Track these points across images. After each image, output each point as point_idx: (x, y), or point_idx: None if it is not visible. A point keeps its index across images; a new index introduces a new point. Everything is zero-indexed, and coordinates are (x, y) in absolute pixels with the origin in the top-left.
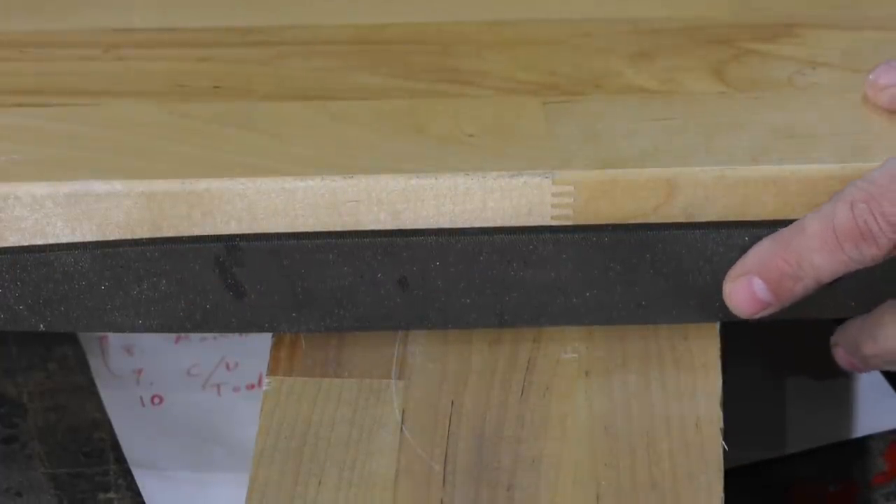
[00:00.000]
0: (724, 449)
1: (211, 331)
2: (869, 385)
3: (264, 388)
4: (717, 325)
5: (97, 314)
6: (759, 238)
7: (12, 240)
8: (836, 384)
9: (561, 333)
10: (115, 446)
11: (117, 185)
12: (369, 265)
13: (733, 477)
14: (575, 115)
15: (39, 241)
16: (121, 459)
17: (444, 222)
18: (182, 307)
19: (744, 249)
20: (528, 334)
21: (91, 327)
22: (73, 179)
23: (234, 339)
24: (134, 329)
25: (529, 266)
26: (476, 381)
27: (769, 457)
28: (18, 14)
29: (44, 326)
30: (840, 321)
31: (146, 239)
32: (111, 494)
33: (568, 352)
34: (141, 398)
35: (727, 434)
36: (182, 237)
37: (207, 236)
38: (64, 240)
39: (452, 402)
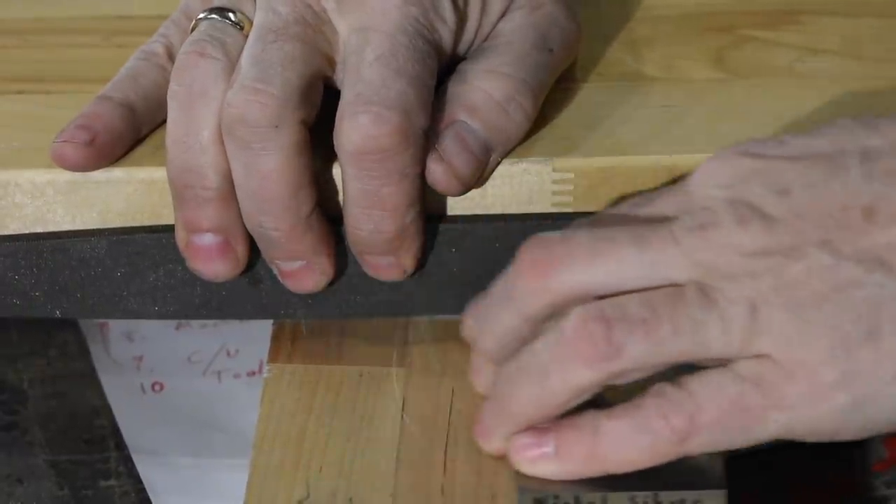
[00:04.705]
0: None
1: (226, 317)
2: None
3: (265, 375)
4: None
5: (113, 301)
6: None
7: (13, 227)
8: None
9: None
10: (116, 433)
11: (118, 172)
12: None
13: (734, 463)
14: (575, 101)
15: (39, 229)
16: (121, 446)
17: (444, 210)
18: (198, 294)
19: None
20: None
21: (107, 314)
22: None
23: (234, 326)
24: (150, 316)
25: None
26: (471, 368)
27: (770, 444)
28: (19, 1)
29: (59, 313)
30: None
31: (162, 226)
32: (112, 481)
33: None
34: (142, 385)
35: None
36: None
37: None
38: (65, 227)
39: (453, 390)
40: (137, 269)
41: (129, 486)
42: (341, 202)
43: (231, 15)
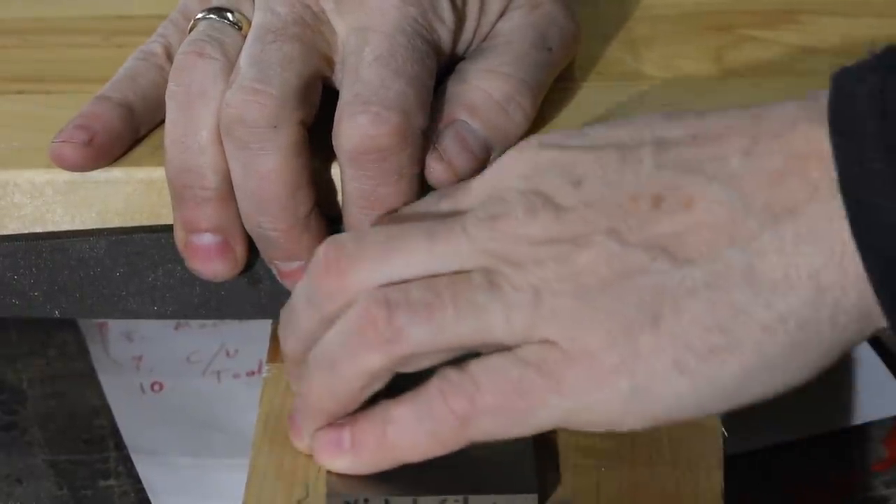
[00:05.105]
0: (724, 436)
1: (225, 317)
2: (869, 372)
3: (264, 374)
4: None
5: (112, 301)
6: None
7: (12, 227)
8: (836, 371)
9: None
10: (115, 433)
11: (116, 172)
12: None
13: (733, 465)
14: (575, 101)
15: (38, 229)
16: (121, 446)
17: None
18: (197, 293)
19: None
20: None
21: (106, 314)
22: None
23: (233, 325)
24: (149, 315)
25: None
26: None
27: (769, 444)
28: (19, 1)
29: (59, 313)
30: None
31: (161, 226)
32: (111, 481)
33: None
34: (141, 385)
35: (727, 421)
36: None
37: None
38: (64, 227)
39: None
40: (136, 268)
41: (128, 486)
42: (340, 202)
43: (229, 15)
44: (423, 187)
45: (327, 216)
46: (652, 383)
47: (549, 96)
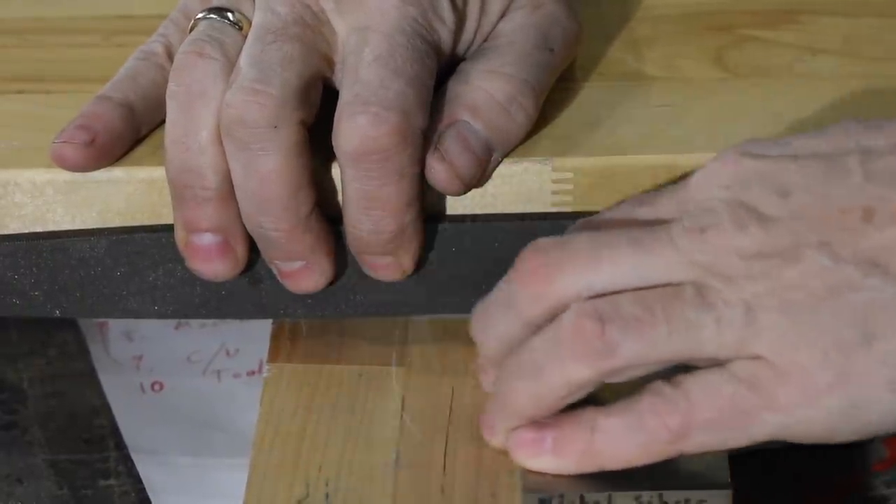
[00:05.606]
0: None
1: (226, 317)
2: None
3: (265, 374)
4: None
5: (113, 300)
6: None
7: (13, 227)
8: None
9: None
10: (116, 432)
11: (117, 172)
12: None
13: (738, 466)
14: (576, 101)
15: (39, 229)
16: (121, 446)
17: (444, 209)
18: (198, 293)
19: None
20: None
21: (107, 313)
22: None
23: (234, 325)
24: (149, 315)
25: None
26: (476, 368)
27: (773, 445)
28: (19, 1)
29: (59, 313)
30: None
31: (162, 225)
32: (111, 481)
33: None
34: (141, 384)
35: None
36: None
37: None
38: (65, 226)
39: (453, 389)
40: (137, 268)
41: (128, 486)
42: (341, 202)
43: (230, 15)
44: (424, 187)
45: (327, 216)
46: (865, 401)
47: (550, 96)
